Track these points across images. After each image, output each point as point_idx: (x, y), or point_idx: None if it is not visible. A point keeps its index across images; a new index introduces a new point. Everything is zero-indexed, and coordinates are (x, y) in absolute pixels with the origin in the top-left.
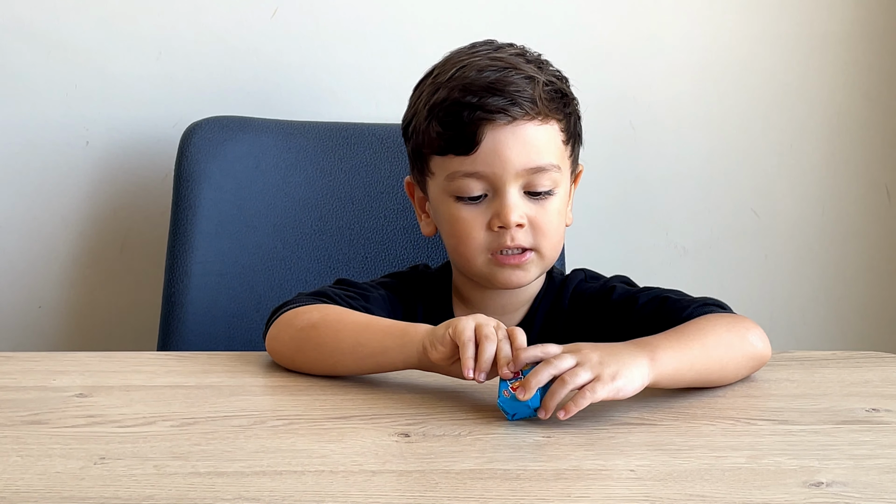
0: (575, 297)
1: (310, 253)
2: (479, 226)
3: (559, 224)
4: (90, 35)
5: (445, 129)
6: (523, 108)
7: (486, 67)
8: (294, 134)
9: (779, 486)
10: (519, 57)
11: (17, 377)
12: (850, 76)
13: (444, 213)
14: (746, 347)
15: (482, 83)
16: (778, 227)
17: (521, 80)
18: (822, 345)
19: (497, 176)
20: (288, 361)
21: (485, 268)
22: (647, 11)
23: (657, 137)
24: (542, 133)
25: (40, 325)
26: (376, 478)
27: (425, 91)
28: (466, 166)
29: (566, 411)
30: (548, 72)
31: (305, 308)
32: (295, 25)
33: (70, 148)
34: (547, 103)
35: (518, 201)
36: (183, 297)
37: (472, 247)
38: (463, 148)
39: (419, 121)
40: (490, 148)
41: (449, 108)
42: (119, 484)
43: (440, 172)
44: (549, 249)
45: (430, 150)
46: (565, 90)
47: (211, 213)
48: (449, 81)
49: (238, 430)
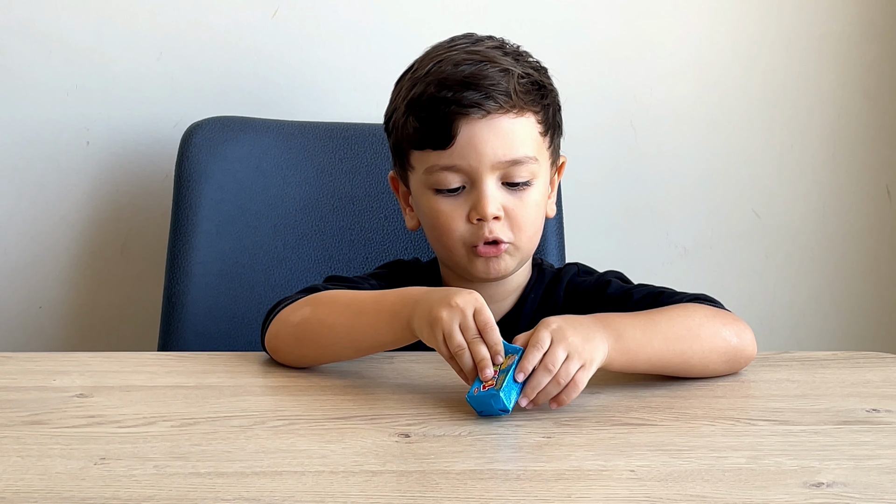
0: (569, 291)
1: (310, 253)
2: (459, 218)
3: (537, 216)
4: (90, 35)
5: (422, 125)
6: (497, 101)
7: (462, 62)
8: (294, 134)
9: (779, 487)
10: (496, 50)
11: (17, 377)
12: (850, 76)
13: (424, 205)
14: (717, 342)
15: (457, 77)
16: (778, 227)
17: (496, 74)
18: (822, 345)
19: (473, 168)
20: (291, 358)
21: (464, 259)
22: (647, 12)
23: (657, 138)
24: (518, 125)
25: (40, 325)
26: (376, 478)
27: (404, 86)
28: (444, 160)
29: (558, 403)
30: (525, 63)
31: (297, 303)
32: (295, 25)
33: (71, 148)
34: (522, 95)
35: (496, 193)
36: (183, 297)
37: (453, 238)
38: (439, 142)
39: (398, 116)
40: (466, 141)
41: (425, 103)
42: (119, 484)
43: (419, 166)
44: (526, 241)
45: (408, 145)
46: (543, 81)
47: (211, 213)
48: (426, 76)
49: (238, 431)
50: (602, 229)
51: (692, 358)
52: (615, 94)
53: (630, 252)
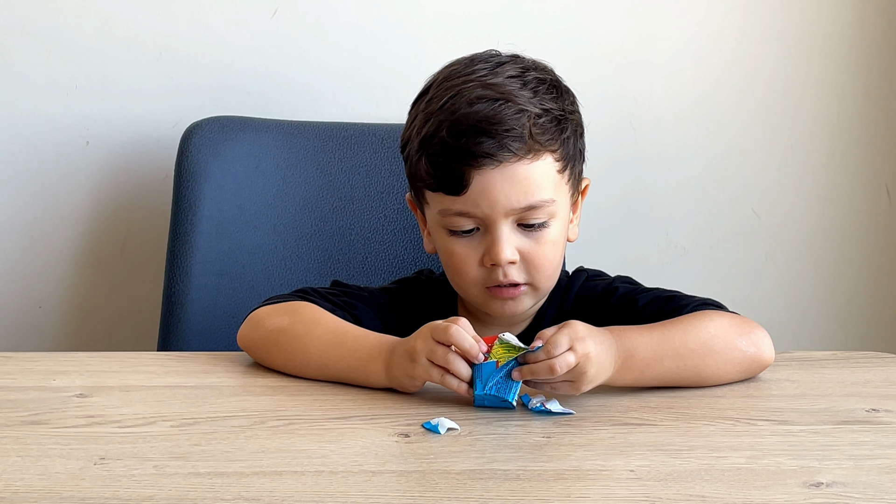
0: (579, 299)
1: (310, 253)
2: (473, 261)
3: (555, 254)
4: (90, 35)
5: (435, 171)
6: (511, 149)
7: (476, 100)
8: (294, 134)
9: (779, 487)
10: (515, 80)
11: (17, 377)
12: (850, 76)
13: (439, 242)
14: (733, 353)
15: (471, 122)
16: (778, 227)
17: (511, 117)
18: (822, 345)
19: (486, 216)
20: (258, 360)
21: (479, 299)
22: (647, 12)
23: (657, 138)
24: (534, 170)
25: (40, 325)
26: (376, 478)
27: (418, 117)
28: (457, 205)
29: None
30: (544, 97)
31: (278, 307)
32: (295, 25)
33: (70, 148)
34: (539, 137)
35: (510, 236)
36: (183, 297)
37: (467, 280)
38: (452, 189)
39: (412, 150)
40: (479, 190)
41: (437, 148)
42: (119, 484)
43: (434, 205)
44: (544, 281)
45: (421, 184)
46: (562, 113)
47: (211, 213)
48: (440, 112)
49: (238, 431)
50: (602, 229)
51: (704, 371)
52: (615, 94)
53: (629, 252)
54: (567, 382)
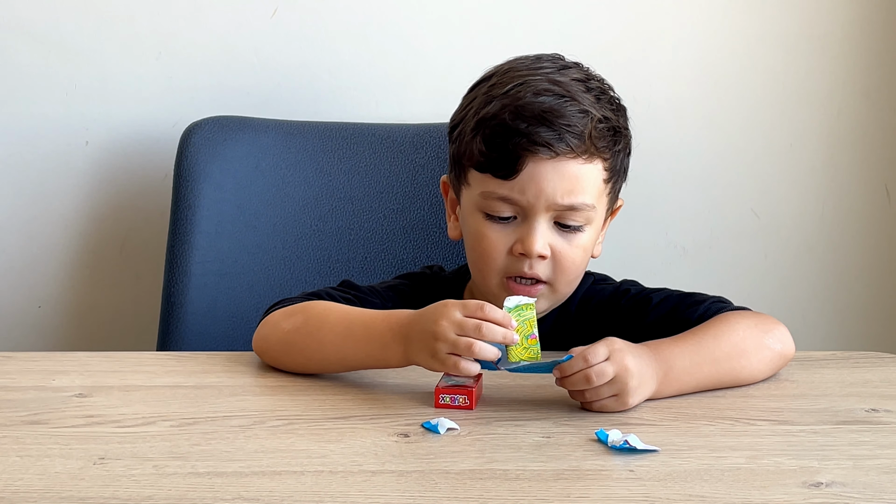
0: (584, 301)
1: (310, 253)
2: (502, 249)
3: (582, 261)
4: (90, 35)
5: (489, 150)
6: (569, 144)
7: (543, 92)
8: (294, 134)
9: (778, 487)
10: (580, 84)
11: (16, 377)
12: (849, 76)
13: (471, 225)
14: (764, 353)
15: (534, 110)
16: (778, 227)
17: (574, 114)
18: (822, 345)
19: (530, 205)
20: (277, 363)
21: (496, 289)
22: (647, 12)
23: (657, 137)
24: (584, 171)
25: (40, 325)
26: (376, 478)
27: (478, 98)
28: (503, 190)
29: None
30: (605, 105)
31: (292, 309)
32: (295, 25)
33: (70, 148)
34: (596, 141)
35: (545, 232)
36: (183, 297)
37: (491, 267)
38: (503, 172)
39: (465, 129)
40: (529, 177)
41: (496, 129)
42: (118, 484)
43: (476, 186)
44: (564, 285)
45: (469, 163)
46: (619, 126)
47: (211, 213)
48: (503, 96)
49: (238, 430)
50: None
51: (742, 373)
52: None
53: (629, 252)
54: (613, 398)
